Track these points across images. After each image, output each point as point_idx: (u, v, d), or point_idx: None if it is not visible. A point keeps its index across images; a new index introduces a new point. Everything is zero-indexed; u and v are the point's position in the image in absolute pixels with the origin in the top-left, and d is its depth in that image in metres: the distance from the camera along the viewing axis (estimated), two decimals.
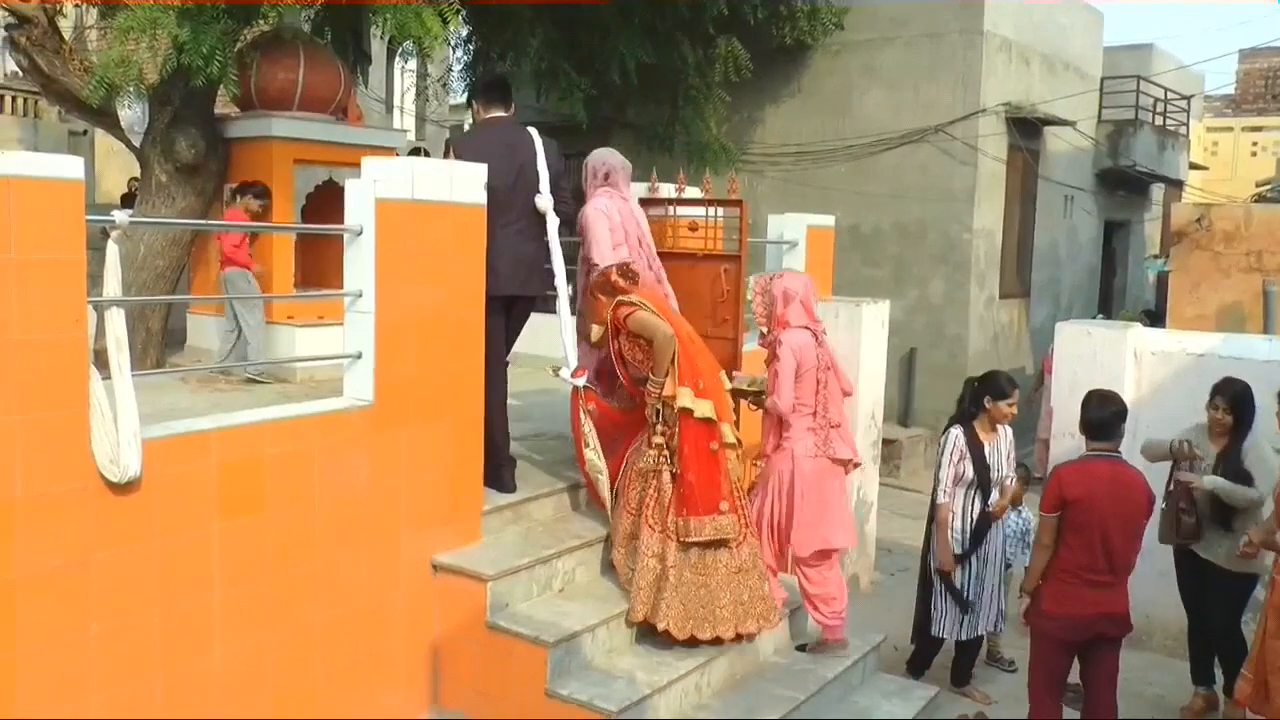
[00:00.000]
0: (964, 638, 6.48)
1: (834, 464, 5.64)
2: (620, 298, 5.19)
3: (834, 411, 5.61)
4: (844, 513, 5.81)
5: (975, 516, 6.29)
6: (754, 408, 5.92)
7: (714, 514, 5.01)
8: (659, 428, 5.08)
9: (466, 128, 16.02)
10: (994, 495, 6.32)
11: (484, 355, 5.22)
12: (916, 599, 6.73)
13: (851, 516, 6.09)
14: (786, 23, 13.44)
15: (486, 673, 4.91)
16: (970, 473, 6.22)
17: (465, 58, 14.12)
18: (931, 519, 6.43)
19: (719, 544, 5.05)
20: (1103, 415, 5.25)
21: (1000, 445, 6.38)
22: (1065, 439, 7.47)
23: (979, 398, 6.34)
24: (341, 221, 4.80)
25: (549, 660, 4.71)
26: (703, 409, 5.00)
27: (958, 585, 6.32)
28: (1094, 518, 5.04)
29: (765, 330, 5.76)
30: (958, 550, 6.28)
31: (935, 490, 6.35)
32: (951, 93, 13.69)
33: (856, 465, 5.83)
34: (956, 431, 6.32)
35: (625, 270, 5.28)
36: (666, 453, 5.05)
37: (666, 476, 5.05)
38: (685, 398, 4.99)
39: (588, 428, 5.33)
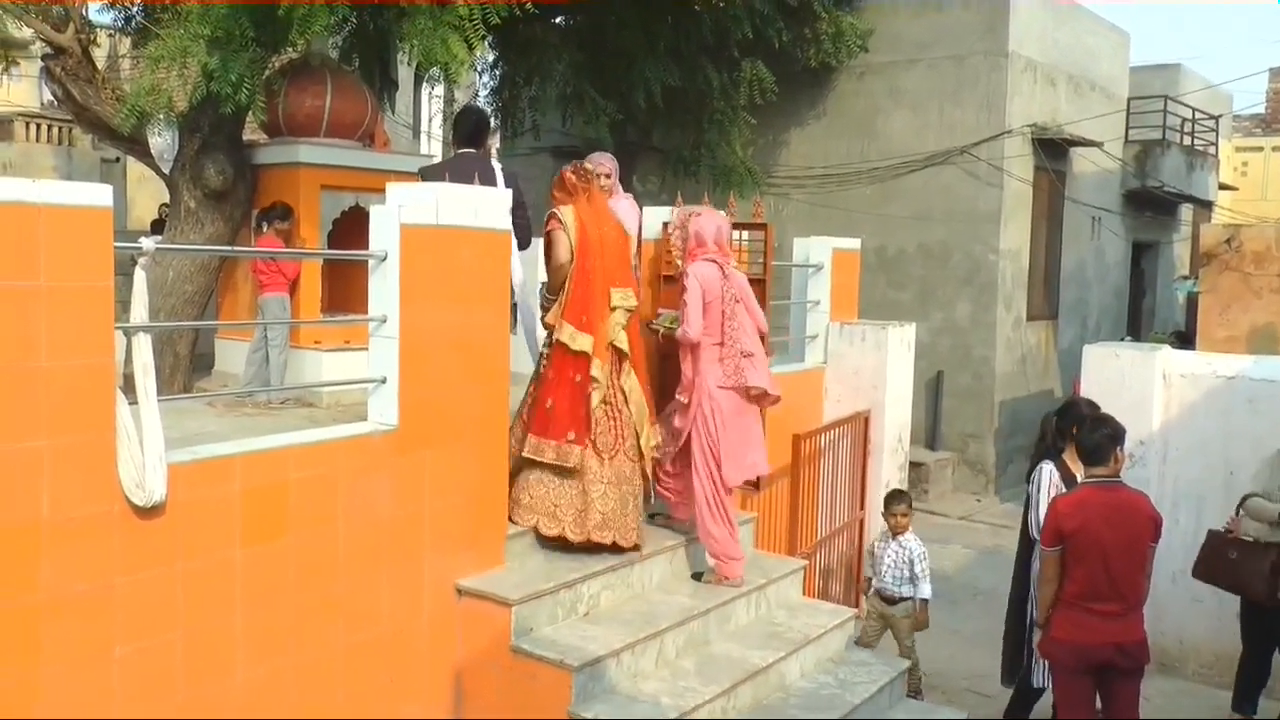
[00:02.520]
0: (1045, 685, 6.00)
1: (749, 394, 5.72)
2: (556, 209, 5.45)
3: (745, 342, 5.67)
4: (761, 441, 5.90)
5: None
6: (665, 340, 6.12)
7: (560, 441, 5.30)
8: (544, 349, 5.51)
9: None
10: None
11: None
12: (1008, 643, 6.29)
13: (764, 445, 6.05)
14: (811, 45, 13.46)
15: (510, 697, 4.89)
16: None
17: (491, 83, 14.23)
18: (1021, 560, 6.09)
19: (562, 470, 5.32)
20: (1096, 440, 5.10)
21: None
22: None
23: (1063, 429, 5.97)
24: (367, 246, 4.83)
25: (573, 684, 4.69)
26: (579, 343, 5.29)
27: None
28: (1093, 548, 4.94)
29: (679, 264, 5.90)
30: None
31: (1028, 529, 5.96)
32: (976, 114, 13.66)
33: (775, 399, 5.83)
34: (1049, 466, 5.95)
35: (579, 170, 5.51)
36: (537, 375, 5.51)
37: (531, 396, 5.49)
38: (564, 331, 5.31)
39: None
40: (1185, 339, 13.55)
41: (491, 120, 12.53)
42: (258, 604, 4.24)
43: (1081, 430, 5.26)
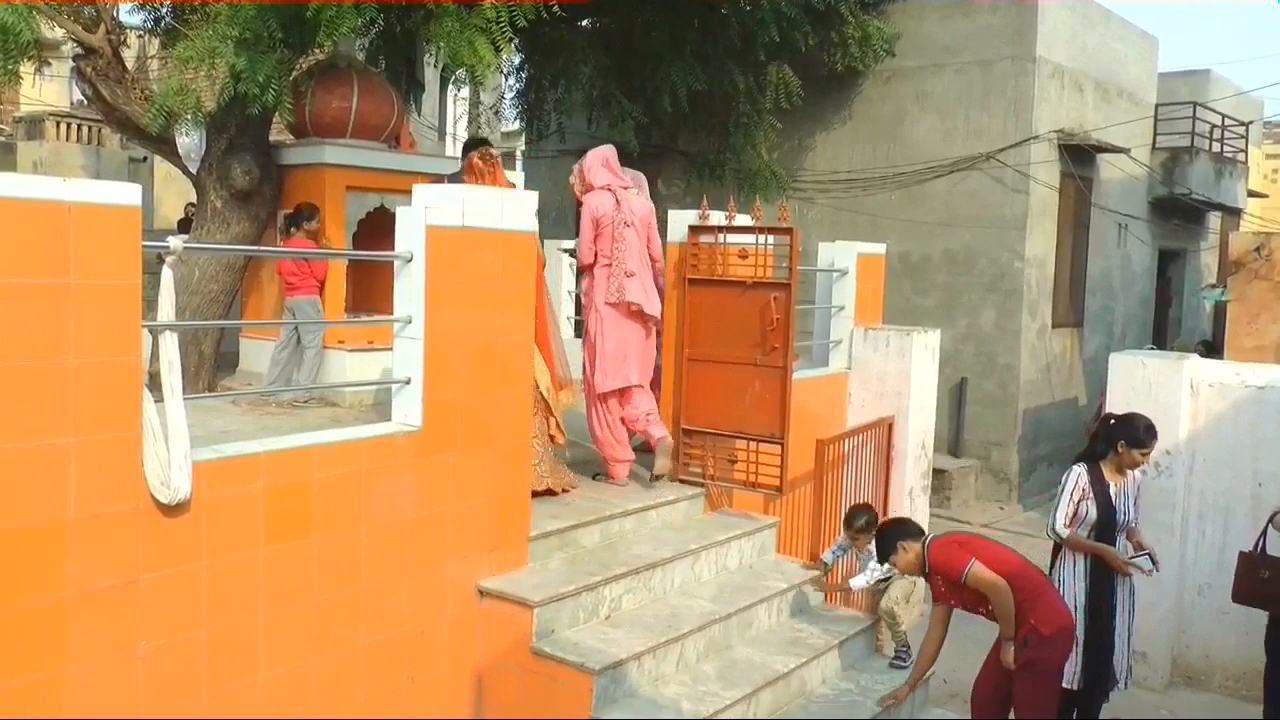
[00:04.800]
0: (1076, 687, 5.92)
1: (631, 310, 6.21)
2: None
3: (630, 263, 6.18)
4: (643, 357, 6.36)
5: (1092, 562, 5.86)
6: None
7: None
8: None
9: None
10: (1120, 542, 5.87)
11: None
12: None
13: (651, 363, 6.50)
14: (838, 49, 13.41)
15: (530, 699, 4.89)
16: (1093, 514, 5.78)
17: (518, 85, 14.25)
18: (1054, 565, 6.00)
19: None
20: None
21: (1128, 489, 5.91)
22: None
23: (1113, 438, 5.88)
24: (391, 247, 4.84)
25: (594, 687, 4.68)
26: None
27: (1080, 634, 5.80)
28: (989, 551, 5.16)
29: (579, 202, 6.44)
30: (1081, 601, 5.83)
31: (1052, 527, 5.90)
32: (1003, 120, 13.59)
33: (653, 318, 6.31)
34: (1080, 469, 5.88)
35: (485, 154, 6.07)
36: None
37: None
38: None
39: None
40: (1213, 349, 13.44)
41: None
42: (280, 602, 4.25)
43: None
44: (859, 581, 5.99)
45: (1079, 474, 5.87)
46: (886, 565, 5.56)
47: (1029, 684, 5.07)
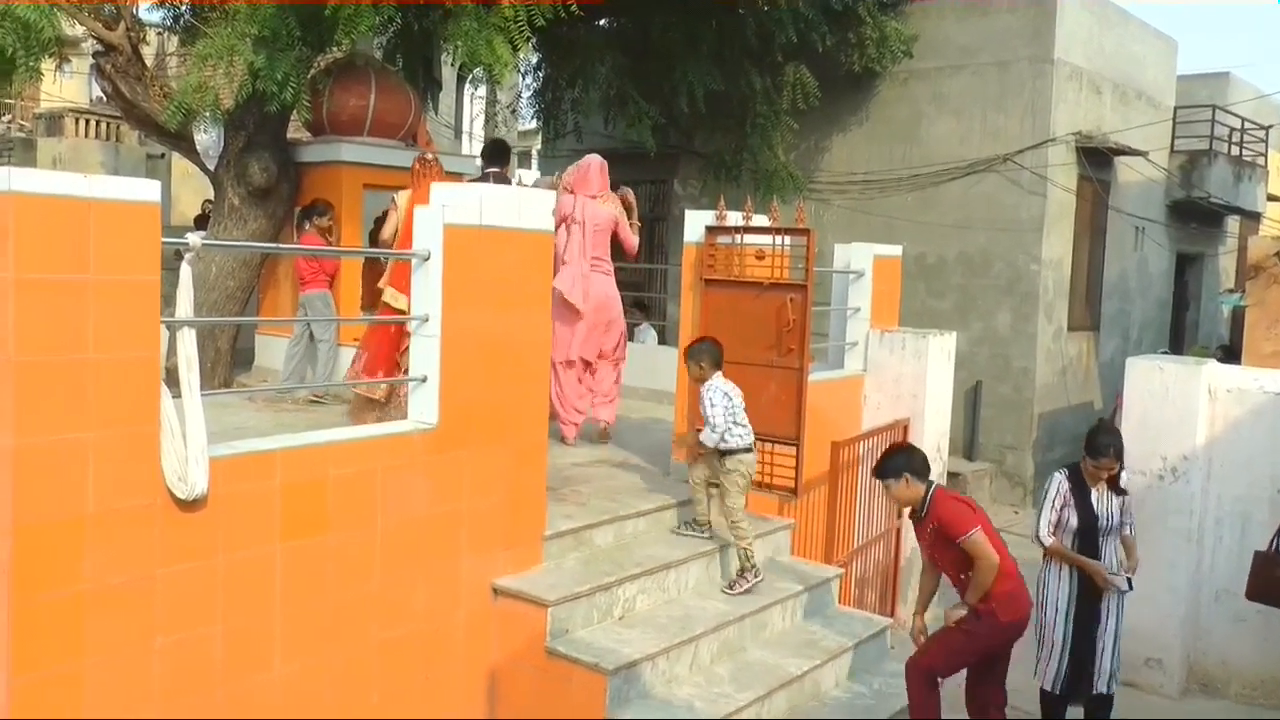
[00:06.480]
0: (1058, 691, 5.99)
1: (561, 297, 6.82)
2: (395, 195, 7.11)
3: (566, 255, 7.05)
4: (586, 337, 7.12)
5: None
6: None
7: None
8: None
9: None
10: (1111, 545, 5.88)
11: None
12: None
13: (598, 345, 7.25)
14: (855, 50, 13.36)
15: (544, 698, 4.89)
16: (1074, 520, 5.85)
17: (534, 84, 14.25)
18: (1039, 579, 6.01)
19: None
20: None
21: (1114, 495, 5.93)
22: (1136, 475, 7.31)
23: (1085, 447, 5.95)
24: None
25: (608, 688, 4.68)
26: (399, 302, 6.39)
27: (1060, 638, 5.92)
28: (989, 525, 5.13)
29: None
30: (1063, 606, 5.89)
31: (1036, 534, 5.97)
32: (1020, 122, 13.53)
33: (571, 301, 6.93)
34: (1060, 476, 5.98)
35: (421, 160, 6.92)
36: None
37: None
38: (388, 293, 6.70)
39: None
40: (1231, 353, 13.35)
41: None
42: (296, 599, 4.26)
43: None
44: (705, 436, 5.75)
45: (1059, 481, 5.98)
46: (717, 436, 5.58)
47: (954, 638, 5.17)
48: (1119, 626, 5.96)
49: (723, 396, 5.62)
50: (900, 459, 5.34)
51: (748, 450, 5.70)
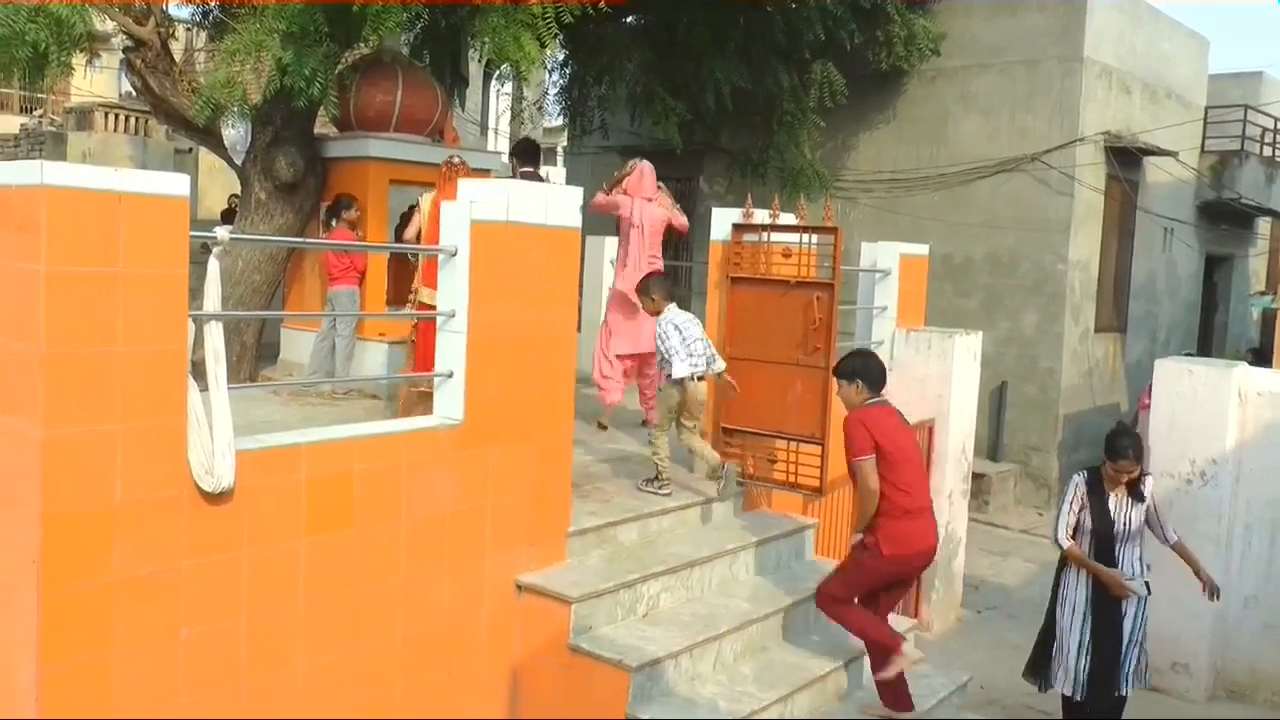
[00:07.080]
0: (1078, 697, 5.91)
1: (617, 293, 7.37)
2: (420, 196, 7.14)
3: (623, 256, 7.48)
4: (634, 333, 7.35)
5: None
6: None
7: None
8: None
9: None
10: (1126, 554, 5.78)
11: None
12: (1037, 644, 6.19)
13: (640, 338, 7.30)
14: (883, 48, 13.30)
15: (566, 695, 4.88)
16: (1089, 523, 5.78)
17: (561, 81, 14.25)
18: (1058, 579, 6.00)
19: None
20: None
21: (1133, 499, 5.80)
22: (1164, 479, 7.25)
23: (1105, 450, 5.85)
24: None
25: (631, 685, 4.67)
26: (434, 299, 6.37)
27: (1077, 641, 5.84)
28: (902, 454, 5.11)
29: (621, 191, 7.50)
30: (1081, 608, 5.82)
31: (1055, 538, 5.92)
32: (1048, 121, 13.43)
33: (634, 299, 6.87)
34: (1079, 479, 5.90)
35: (449, 163, 6.85)
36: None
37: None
38: (423, 293, 6.64)
39: None
40: (1260, 357, 13.22)
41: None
42: (320, 593, 4.27)
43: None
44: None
45: (1077, 482, 5.92)
46: (685, 366, 5.88)
47: (847, 564, 5.36)
48: (1141, 630, 5.87)
49: (674, 330, 6.01)
50: (857, 362, 5.37)
51: (692, 380, 5.98)
